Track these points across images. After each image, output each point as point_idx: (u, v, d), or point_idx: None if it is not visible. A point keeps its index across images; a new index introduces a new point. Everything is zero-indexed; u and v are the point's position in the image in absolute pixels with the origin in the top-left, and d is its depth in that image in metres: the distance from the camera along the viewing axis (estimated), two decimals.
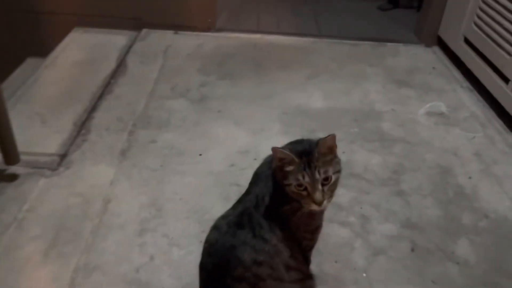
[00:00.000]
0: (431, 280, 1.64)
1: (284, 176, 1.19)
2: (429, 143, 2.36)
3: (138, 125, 2.33)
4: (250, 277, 1.18)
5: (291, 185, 1.17)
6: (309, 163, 1.16)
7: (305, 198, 1.18)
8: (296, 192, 1.18)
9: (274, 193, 1.25)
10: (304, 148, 1.19)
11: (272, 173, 1.26)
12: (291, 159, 1.16)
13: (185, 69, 2.86)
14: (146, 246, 1.70)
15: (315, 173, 1.16)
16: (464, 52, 2.97)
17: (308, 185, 1.16)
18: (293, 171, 1.17)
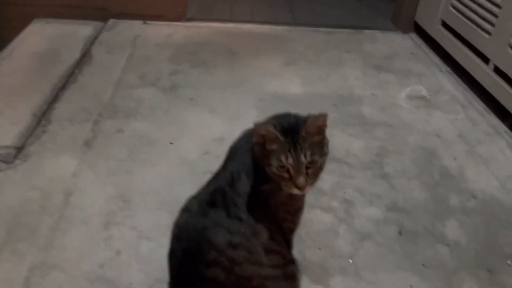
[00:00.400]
0: (421, 264, 1.54)
1: (265, 155, 1.06)
2: (411, 126, 2.27)
3: (104, 114, 2.17)
4: (224, 262, 1.04)
5: (272, 165, 1.04)
6: (295, 144, 1.03)
7: (286, 181, 1.05)
8: (277, 174, 1.05)
9: (252, 170, 1.12)
10: (291, 125, 1.06)
11: (251, 149, 1.13)
12: (275, 137, 1.03)
13: (154, 58, 2.71)
14: (112, 240, 1.54)
15: (300, 156, 1.03)
16: (442, 35, 2.91)
17: (292, 168, 1.04)
18: (276, 150, 1.04)
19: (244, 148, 1.16)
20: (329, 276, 1.47)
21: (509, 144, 2.19)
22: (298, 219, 1.24)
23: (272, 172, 1.06)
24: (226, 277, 1.04)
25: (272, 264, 1.11)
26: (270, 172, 1.06)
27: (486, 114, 2.41)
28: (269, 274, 1.10)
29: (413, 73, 2.78)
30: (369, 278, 1.48)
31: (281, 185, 1.07)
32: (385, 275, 1.49)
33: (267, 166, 1.06)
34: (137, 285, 1.40)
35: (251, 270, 1.07)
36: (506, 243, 1.64)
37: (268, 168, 1.06)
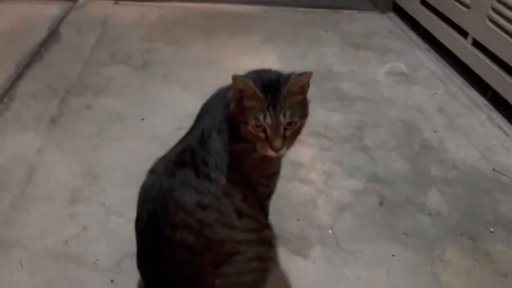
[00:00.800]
0: (403, 233, 1.49)
1: (241, 112, 0.98)
2: (391, 101, 2.22)
3: (72, 92, 2.06)
4: (193, 224, 0.96)
5: (248, 124, 0.97)
6: (275, 102, 0.96)
7: (261, 142, 0.98)
8: (252, 133, 0.98)
9: (225, 128, 1.04)
10: (271, 82, 0.98)
11: (226, 105, 1.05)
12: (254, 92, 0.96)
13: (126, 37, 2.60)
14: (78, 216, 1.45)
15: (279, 116, 0.96)
16: (421, 13, 2.87)
17: (269, 128, 0.97)
18: (254, 107, 0.96)
19: (217, 105, 1.08)
20: (308, 247, 1.41)
21: (488, 116, 2.16)
22: (273, 183, 1.17)
23: (247, 131, 0.98)
24: (196, 240, 0.97)
25: (245, 228, 1.04)
26: (245, 130, 0.98)
27: (465, 89, 2.38)
28: (243, 238, 1.03)
29: (392, 51, 2.73)
30: (350, 248, 1.42)
31: (255, 146, 1.00)
32: (366, 244, 1.44)
33: (242, 124, 0.98)
34: (104, 260, 1.31)
35: (222, 233, 0.99)
36: (488, 211, 1.60)
37: (244, 126, 0.98)
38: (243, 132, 0.99)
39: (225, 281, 1.02)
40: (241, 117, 0.98)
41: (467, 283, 1.34)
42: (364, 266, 1.36)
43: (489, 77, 2.23)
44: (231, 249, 1.01)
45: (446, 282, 1.33)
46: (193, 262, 0.99)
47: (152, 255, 1.01)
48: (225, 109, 1.05)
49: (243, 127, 0.99)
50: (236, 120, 1.00)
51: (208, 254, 0.99)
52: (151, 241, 0.99)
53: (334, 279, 1.32)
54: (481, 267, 1.39)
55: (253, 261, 1.05)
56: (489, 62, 2.22)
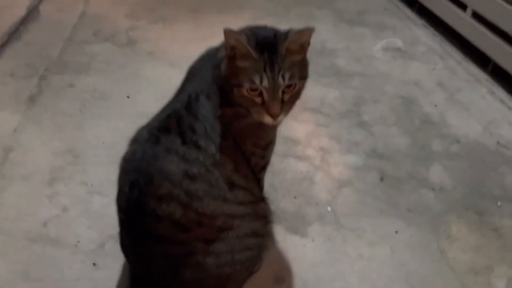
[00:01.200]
0: (406, 209, 1.41)
1: (234, 73, 0.88)
2: (388, 76, 2.13)
3: (53, 70, 1.94)
4: (180, 195, 0.87)
5: (242, 87, 0.87)
6: (272, 62, 0.86)
7: (257, 107, 0.88)
8: (246, 98, 0.88)
9: (215, 90, 0.94)
10: (268, 39, 0.88)
11: (216, 66, 0.95)
12: (248, 51, 0.85)
13: (110, 15, 2.47)
14: (58, 196, 1.35)
15: (277, 78, 0.86)
16: None
17: (266, 91, 0.87)
18: (248, 69, 0.86)
19: (206, 66, 0.98)
20: (306, 224, 1.32)
21: (490, 90, 2.07)
22: (268, 154, 1.08)
23: (241, 95, 0.88)
24: (184, 214, 0.87)
25: (238, 200, 0.95)
26: (239, 95, 0.88)
27: (464, 63, 2.30)
28: (236, 212, 0.94)
29: (388, 27, 2.63)
30: (350, 225, 1.33)
31: (250, 112, 0.90)
32: (367, 221, 1.35)
33: (235, 87, 0.88)
34: (86, 242, 1.21)
35: (213, 206, 0.90)
36: (494, 185, 1.53)
37: (237, 89, 0.88)
38: (236, 96, 0.89)
39: (217, 259, 0.93)
40: (233, 79, 0.88)
41: (476, 259, 1.26)
42: (366, 243, 1.28)
43: (490, 49, 2.14)
44: (223, 224, 0.92)
45: (453, 258, 1.25)
46: (181, 239, 0.90)
47: (135, 232, 0.91)
48: (215, 70, 0.95)
49: (236, 91, 0.89)
50: (228, 83, 0.90)
51: (198, 230, 0.90)
52: (134, 216, 0.89)
53: (335, 257, 1.23)
54: (489, 243, 1.31)
55: (248, 237, 0.95)
56: (490, 34, 2.13)
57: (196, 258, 0.91)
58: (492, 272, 1.22)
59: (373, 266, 1.22)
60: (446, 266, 1.23)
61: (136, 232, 0.91)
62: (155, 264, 0.92)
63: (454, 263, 1.24)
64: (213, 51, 1.01)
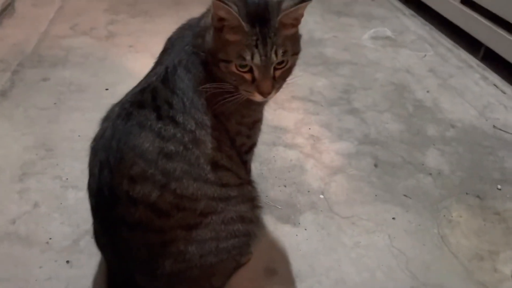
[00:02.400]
0: (403, 195, 1.33)
1: (221, 47, 0.79)
2: (378, 64, 2.06)
3: (26, 64, 1.84)
4: (156, 175, 0.77)
5: (231, 63, 0.78)
6: (264, 37, 0.78)
7: (247, 84, 0.80)
8: (235, 74, 0.79)
9: (194, 61, 0.85)
10: (259, 11, 0.79)
11: (198, 34, 0.86)
12: (239, 24, 0.76)
13: (89, 9, 2.38)
14: (28, 192, 1.24)
15: (270, 54, 0.78)
16: None
17: (257, 68, 0.79)
18: (238, 43, 0.78)
19: (186, 36, 0.89)
20: (298, 213, 1.24)
21: (482, 76, 2.01)
22: (255, 134, 0.99)
23: (229, 72, 0.80)
24: (161, 196, 0.78)
25: (222, 182, 0.85)
26: (226, 70, 0.80)
27: (455, 50, 2.24)
28: (220, 194, 0.84)
29: (375, 17, 2.58)
30: (345, 213, 1.25)
31: (237, 88, 0.82)
32: (363, 208, 1.27)
33: (222, 62, 0.80)
34: (59, 239, 1.11)
35: (194, 187, 0.80)
36: (493, 168, 1.45)
37: (224, 64, 0.80)
38: (223, 72, 0.81)
39: (200, 247, 0.83)
40: (220, 53, 0.79)
41: (479, 245, 1.18)
42: (362, 231, 1.19)
43: (481, 34, 2.09)
44: (205, 207, 0.83)
45: (456, 243, 1.17)
46: (159, 225, 0.80)
47: (108, 218, 0.82)
48: (196, 39, 0.86)
49: (223, 67, 0.80)
50: (214, 57, 0.81)
51: (178, 214, 0.81)
52: (106, 201, 0.80)
53: (330, 246, 1.14)
54: (492, 227, 1.24)
55: (234, 222, 0.86)
56: (480, 18, 2.08)
57: (176, 246, 0.82)
58: (498, 257, 1.14)
59: (371, 254, 1.13)
60: (448, 252, 1.15)
61: (108, 219, 0.81)
62: (131, 255, 0.82)
63: (456, 249, 1.16)
64: (194, 20, 0.92)
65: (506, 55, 1.94)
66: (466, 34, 2.20)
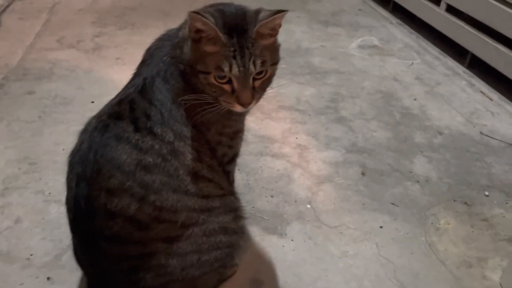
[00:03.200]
0: (390, 203, 1.32)
1: (199, 59, 0.79)
2: (366, 72, 2.07)
3: (11, 77, 1.82)
4: (134, 187, 0.76)
5: (210, 74, 0.78)
6: (242, 47, 0.78)
7: (226, 95, 0.80)
8: (215, 85, 0.79)
9: (173, 72, 0.85)
10: (237, 20, 0.79)
11: (176, 45, 0.85)
12: (215, 35, 0.76)
13: (76, 22, 2.37)
14: (10, 207, 1.22)
15: (248, 64, 0.78)
16: None
17: (236, 79, 0.78)
18: (216, 54, 0.77)
19: (164, 47, 0.88)
20: (285, 224, 1.22)
21: (469, 83, 2.02)
22: (237, 144, 0.98)
23: (208, 83, 0.79)
24: (140, 209, 0.76)
25: (204, 193, 0.84)
26: (205, 81, 0.80)
27: (442, 58, 2.25)
28: (201, 206, 0.83)
29: (363, 26, 2.59)
30: (332, 222, 1.24)
31: (217, 99, 0.81)
32: (350, 217, 1.26)
33: (201, 74, 0.79)
34: (40, 255, 1.09)
35: (174, 199, 0.79)
36: (481, 174, 1.45)
37: (203, 76, 0.79)
38: (202, 83, 0.80)
39: (182, 260, 0.82)
40: (199, 65, 0.79)
41: (467, 252, 1.17)
42: (350, 240, 1.18)
43: (466, 41, 2.10)
44: (187, 219, 0.81)
45: (444, 250, 1.16)
46: (139, 238, 0.79)
47: (86, 232, 0.80)
48: (175, 50, 0.85)
49: (202, 78, 0.80)
50: (193, 68, 0.80)
51: (159, 227, 0.79)
52: (83, 214, 0.78)
53: (317, 256, 1.13)
54: (480, 233, 1.23)
55: (216, 233, 0.85)
56: (465, 25, 2.09)
57: (158, 259, 0.80)
58: (486, 264, 1.13)
59: (359, 263, 1.12)
60: (436, 260, 1.14)
61: (86, 233, 0.80)
62: (111, 269, 0.80)
63: (444, 256, 1.15)
64: (173, 31, 0.92)
65: (491, 61, 1.96)
66: (453, 41, 2.21)
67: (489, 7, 1.93)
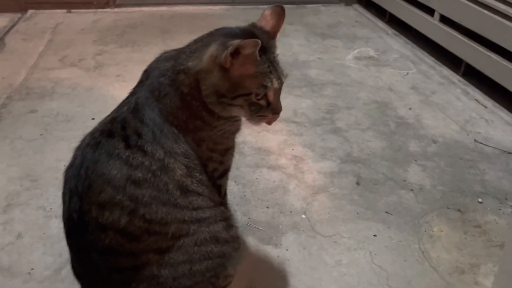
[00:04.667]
0: (384, 211, 1.33)
1: (236, 84, 0.83)
2: (361, 83, 2.10)
3: (15, 97, 1.87)
4: (124, 201, 0.79)
5: (251, 95, 0.83)
6: (271, 62, 0.85)
7: (263, 110, 0.86)
8: (254, 104, 0.85)
9: (168, 92, 0.88)
10: (255, 37, 0.82)
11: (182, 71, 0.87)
12: (254, 57, 0.81)
13: (78, 42, 2.43)
14: (12, 223, 1.25)
15: (281, 75, 0.86)
16: None
17: (274, 92, 0.86)
18: (255, 74, 0.82)
19: (162, 69, 0.91)
20: (280, 234, 1.24)
21: (464, 91, 2.05)
22: (227, 160, 1.00)
23: (249, 103, 0.84)
24: (130, 221, 0.79)
25: (194, 206, 0.87)
26: (245, 103, 0.85)
27: (437, 67, 2.28)
28: (191, 217, 0.86)
29: (359, 38, 2.64)
30: (326, 232, 1.26)
31: (251, 117, 0.87)
32: (344, 226, 1.28)
33: (240, 97, 0.84)
34: (41, 269, 1.12)
35: (163, 212, 0.82)
36: (475, 181, 1.47)
37: (243, 98, 0.84)
38: (237, 107, 0.85)
39: (173, 270, 0.84)
40: (238, 90, 0.83)
41: (460, 258, 1.18)
42: (344, 249, 1.20)
43: (460, 51, 2.13)
44: (177, 230, 0.84)
45: (437, 257, 1.18)
46: (131, 250, 0.81)
47: (79, 246, 0.83)
48: (177, 75, 0.87)
49: (241, 101, 0.84)
50: (222, 97, 0.84)
51: (149, 239, 0.82)
52: (77, 228, 0.81)
53: (311, 265, 1.14)
54: (473, 240, 1.24)
55: (208, 243, 0.87)
56: (459, 35, 2.13)
57: (150, 270, 0.83)
58: (478, 270, 1.14)
59: (352, 272, 1.13)
60: (429, 267, 1.15)
61: (79, 246, 0.83)
62: (105, 281, 0.83)
63: (437, 263, 1.16)
64: (169, 53, 0.95)
65: (485, 70, 1.98)
66: (447, 51, 2.25)
67: (481, 16, 1.96)
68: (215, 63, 0.82)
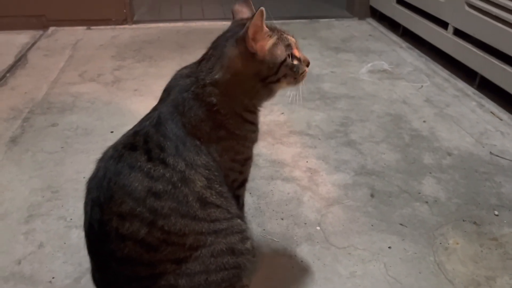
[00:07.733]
0: (399, 224, 1.34)
1: (269, 60, 0.91)
2: (375, 96, 2.11)
3: (36, 111, 1.93)
4: (144, 213, 0.81)
5: (286, 60, 0.93)
6: (275, 29, 0.95)
7: (301, 66, 0.97)
8: (294, 65, 0.94)
9: (193, 106, 0.91)
10: None
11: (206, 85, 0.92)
12: (265, 30, 0.90)
13: (97, 57, 2.50)
14: (34, 233, 1.29)
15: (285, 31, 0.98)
16: (399, 12, 2.82)
17: (296, 48, 0.96)
18: (275, 42, 0.92)
19: (183, 85, 0.95)
20: (294, 245, 1.25)
21: (479, 103, 2.05)
22: (246, 170, 1.03)
23: (291, 67, 0.94)
24: (149, 233, 0.82)
25: (211, 218, 0.89)
26: (288, 69, 0.94)
27: (451, 80, 2.29)
28: (209, 229, 0.88)
29: (373, 51, 2.66)
30: (341, 243, 1.26)
31: (297, 78, 0.97)
32: (359, 238, 1.28)
33: (282, 66, 0.92)
34: (61, 278, 1.15)
35: (182, 224, 0.84)
36: (490, 194, 1.46)
37: (285, 66, 0.93)
38: (279, 77, 0.94)
39: (190, 280, 0.86)
40: (272, 68, 0.92)
41: (476, 270, 1.18)
42: (358, 261, 1.21)
43: (475, 64, 2.14)
44: (194, 241, 0.86)
45: (452, 270, 1.17)
46: (149, 260, 0.84)
47: (99, 255, 0.86)
48: (202, 88, 0.92)
49: (286, 70, 0.93)
50: (265, 80, 0.93)
51: (167, 249, 0.84)
52: (97, 237, 0.84)
53: (325, 277, 1.15)
54: (489, 252, 1.24)
55: (224, 254, 0.89)
56: (473, 48, 2.13)
57: (167, 280, 0.85)
58: (495, 283, 1.14)
59: (366, 283, 1.14)
60: (444, 279, 1.15)
61: (99, 255, 0.85)
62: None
63: (453, 275, 1.16)
64: (186, 70, 0.98)
65: (500, 82, 1.98)
66: (462, 64, 2.25)
67: (495, 29, 1.97)
68: (241, 59, 0.90)
